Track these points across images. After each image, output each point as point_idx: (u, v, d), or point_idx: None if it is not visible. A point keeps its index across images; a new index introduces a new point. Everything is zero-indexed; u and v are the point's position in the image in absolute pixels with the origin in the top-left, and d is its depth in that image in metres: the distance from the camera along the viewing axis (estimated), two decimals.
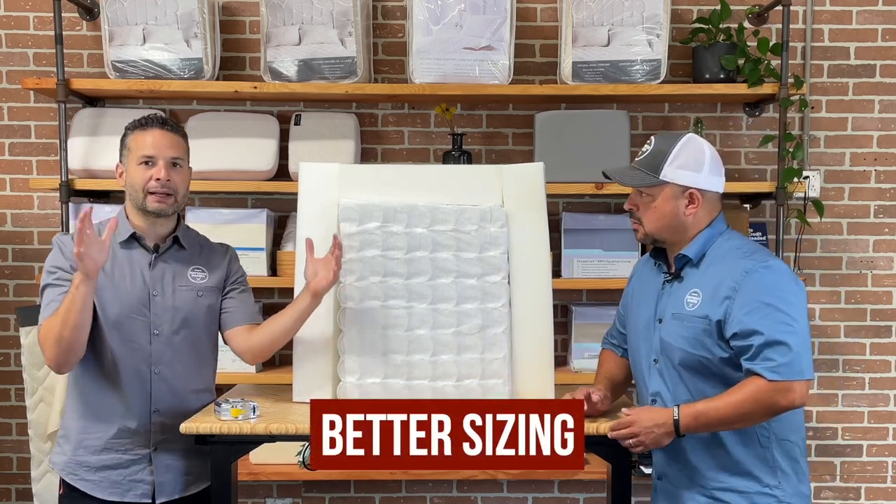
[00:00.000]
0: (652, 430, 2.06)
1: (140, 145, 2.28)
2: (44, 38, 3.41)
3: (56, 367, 2.20)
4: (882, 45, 3.48)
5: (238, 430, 2.17)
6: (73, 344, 2.14)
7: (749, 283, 2.02)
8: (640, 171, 2.15)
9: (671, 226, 2.14)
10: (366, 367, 2.35)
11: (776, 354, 1.96)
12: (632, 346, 2.29)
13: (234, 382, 2.95)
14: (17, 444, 3.48)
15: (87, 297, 2.11)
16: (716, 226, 2.16)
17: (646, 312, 2.22)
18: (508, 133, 3.50)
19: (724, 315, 2.03)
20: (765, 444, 2.08)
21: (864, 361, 3.53)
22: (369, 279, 2.35)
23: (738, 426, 2.04)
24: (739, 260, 2.07)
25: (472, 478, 3.44)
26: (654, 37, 3.18)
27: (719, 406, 2.01)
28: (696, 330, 2.07)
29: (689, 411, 2.03)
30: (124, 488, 2.29)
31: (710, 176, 2.13)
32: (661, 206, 2.12)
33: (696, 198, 2.11)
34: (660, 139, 2.17)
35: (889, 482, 3.57)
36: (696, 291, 2.10)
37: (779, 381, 1.96)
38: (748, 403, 1.98)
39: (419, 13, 3.14)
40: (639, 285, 2.32)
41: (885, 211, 3.52)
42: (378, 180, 2.44)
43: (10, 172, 3.46)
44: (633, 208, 2.18)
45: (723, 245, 2.13)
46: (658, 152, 2.13)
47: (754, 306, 1.99)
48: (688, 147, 2.12)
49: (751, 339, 1.98)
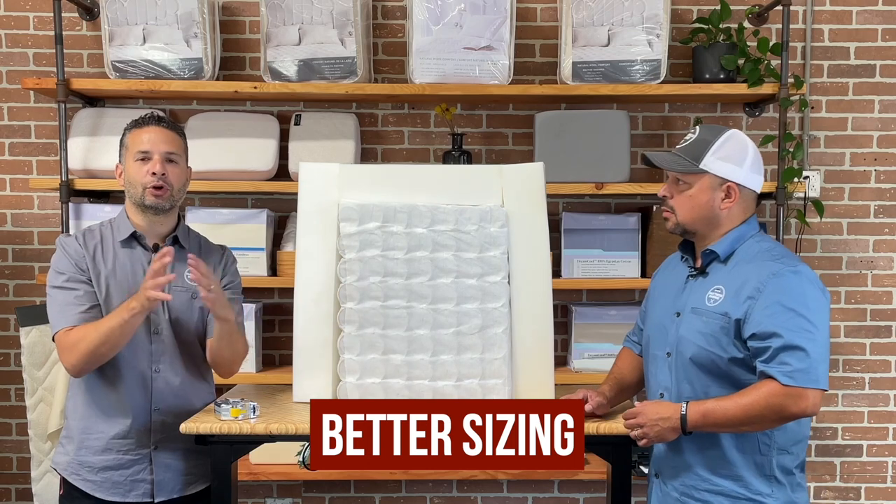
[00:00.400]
0: (657, 424, 2.03)
1: (136, 142, 2.30)
2: (44, 38, 3.41)
3: (77, 373, 2.26)
4: (882, 45, 3.48)
5: (238, 430, 2.17)
6: (104, 358, 2.21)
7: (774, 285, 1.98)
8: (680, 158, 2.10)
9: (704, 217, 2.10)
10: (366, 367, 2.35)
11: (793, 359, 1.92)
12: (646, 339, 2.26)
13: (234, 382, 2.95)
14: (17, 444, 3.48)
15: (138, 325, 2.19)
16: (749, 225, 2.12)
17: (666, 305, 2.19)
18: (508, 133, 3.50)
19: (744, 314, 1.99)
20: (764, 451, 2.05)
21: (864, 361, 3.53)
22: (369, 279, 2.35)
23: (745, 429, 2.01)
24: (768, 262, 2.03)
25: (472, 478, 3.44)
26: (654, 37, 3.18)
27: (729, 406, 1.98)
28: (713, 326, 2.04)
29: (697, 408, 2.00)
30: (126, 489, 2.30)
31: (751, 173, 2.09)
32: (697, 196, 2.09)
33: (734, 192, 2.08)
34: (705, 129, 2.13)
35: (889, 482, 3.57)
36: (719, 288, 2.07)
37: (792, 387, 1.91)
38: (759, 406, 1.94)
39: (419, 13, 3.14)
40: (662, 279, 2.30)
41: (885, 211, 3.52)
42: (378, 180, 2.44)
43: (10, 172, 3.46)
44: (668, 195, 2.15)
45: (753, 246, 2.09)
46: (701, 141, 2.09)
47: (776, 309, 1.95)
48: (732, 140, 2.09)
49: (769, 342, 1.95)
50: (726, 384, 2.04)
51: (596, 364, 3.29)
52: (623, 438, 2.16)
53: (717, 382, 2.06)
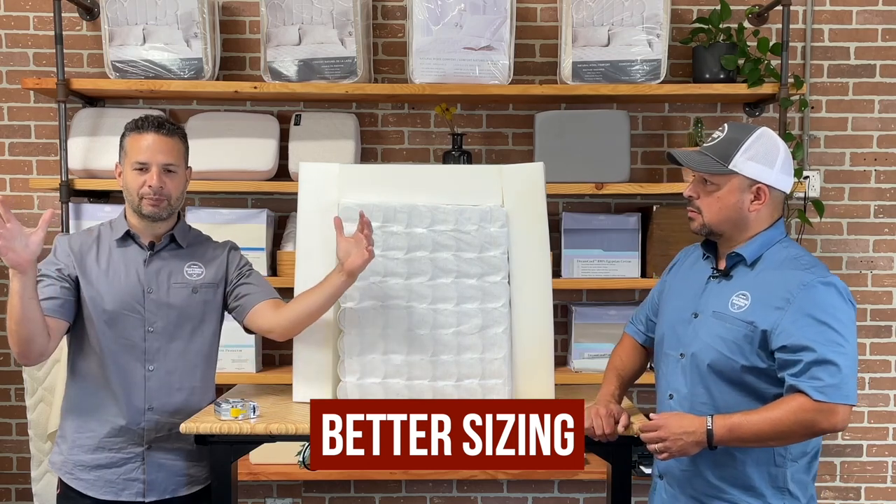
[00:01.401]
0: (680, 438, 1.96)
1: (135, 149, 2.28)
2: (44, 38, 3.41)
3: (18, 358, 2.20)
4: (882, 45, 3.48)
5: (238, 430, 2.17)
6: (23, 336, 2.12)
7: (805, 296, 1.92)
8: (708, 158, 2.03)
9: (732, 219, 2.03)
10: (366, 367, 2.35)
11: (825, 374, 1.87)
12: (659, 336, 2.20)
13: (234, 382, 2.95)
14: (17, 444, 3.48)
15: (23, 292, 2.07)
16: (776, 229, 2.06)
17: (682, 304, 2.13)
18: (508, 133, 3.50)
19: (772, 325, 1.93)
20: (780, 463, 2.01)
21: (864, 361, 3.53)
22: (369, 279, 2.35)
23: (772, 444, 1.96)
24: (798, 271, 1.97)
25: (472, 478, 3.44)
26: (654, 37, 3.18)
27: (756, 420, 1.91)
28: (736, 333, 1.98)
29: (723, 423, 1.93)
30: (119, 487, 2.30)
31: (781, 174, 2.03)
32: (726, 198, 2.02)
33: (764, 193, 2.01)
34: (734, 127, 2.06)
35: (889, 482, 3.57)
36: (744, 294, 2.00)
37: (824, 402, 1.86)
38: (788, 422, 1.88)
39: (419, 13, 3.14)
40: (680, 275, 2.23)
41: (885, 211, 3.52)
42: (378, 180, 2.44)
43: (10, 172, 3.46)
44: (694, 196, 2.07)
45: (781, 252, 2.03)
46: (731, 140, 2.02)
47: (808, 322, 1.90)
48: (762, 140, 2.02)
49: (800, 355, 1.89)
50: (742, 391, 2.00)
51: (596, 364, 3.28)
52: (623, 438, 2.16)
53: (733, 389, 2.01)
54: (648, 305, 2.34)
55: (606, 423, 2.11)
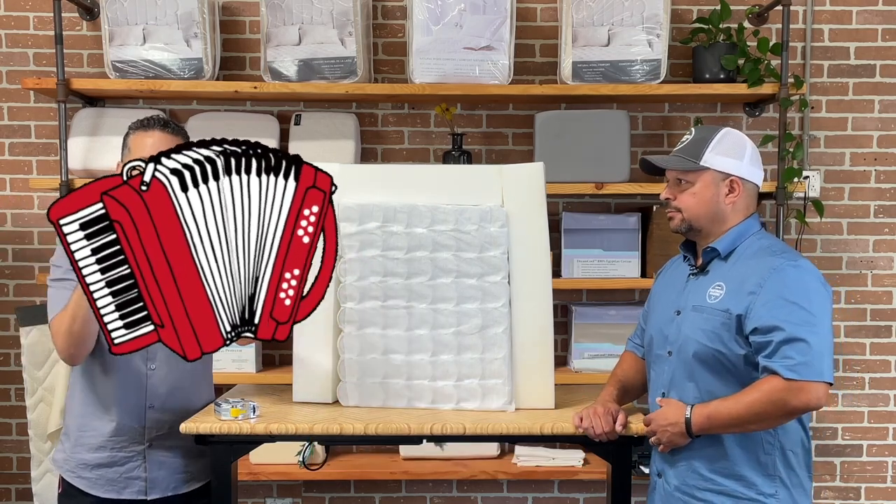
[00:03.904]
0: (666, 430, 2.05)
1: (139, 147, 2.28)
2: (44, 38, 3.41)
3: (67, 358, 2.23)
4: (882, 45, 3.48)
5: (238, 430, 2.17)
6: (81, 337, 2.16)
7: (775, 279, 1.98)
8: (681, 158, 2.13)
9: (710, 213, 2.11)
10: (366, 366, 2.35)
11: (794, 352, 1.91)
12: (647, 341, 2.26)
13: (234, 382, 2.95)
14: (17, 444, 3.48)
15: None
16: (750, 223, 2.13)
17: (666, 305, 2.20)
18: (508, 133, 3.50)
19: (745, 310, 1.99)
20: (769, 450, 2.04)
21: (864, 361, 3.53)
22: (369, 279, 2.35)
23: (753, 427, 2.00)
24: (768, 257, 2.04)
25: (473, 478, 3.44)
26: (654, 37, 3.18)
27: (732, 406, 1.97)
28: (714, 323, 2.04)
29: (701, 411, 2.00)
30: (120, 486, 2.30)
31: (751, 166, 2.12)
32: (702, 192, 2.11)
33: (737, 185, 2.10)
34: (700, 129, 2.18)
35: (889, 482, 3.57)
36: (719, 285, 2.07)
37: (794, 381, 1.90)
38: (761, 403, 1.93)
39: (419, 13, 3.14)
40: (664, 281, 2.31)
41: (885, 211, 3.52)
42: (378, 180, 2.44)
43: (10, 172, 3.46)
44: (670, 198, 2.16)
45: (754, 243, 2.11)
46: (699, 140, 2.13)
47: (778, 303, 1.95)
48: (728, 136, 2.13)
49: (770, 335, 1.94)
50: (731, 382, 2.04)
51: (596, 364, 3.29)
52: (623, 438, 2.16)
53: (721, 380, 2.05)
54: (642, 319, 2.40)
55: (605, 422, 2.13)
